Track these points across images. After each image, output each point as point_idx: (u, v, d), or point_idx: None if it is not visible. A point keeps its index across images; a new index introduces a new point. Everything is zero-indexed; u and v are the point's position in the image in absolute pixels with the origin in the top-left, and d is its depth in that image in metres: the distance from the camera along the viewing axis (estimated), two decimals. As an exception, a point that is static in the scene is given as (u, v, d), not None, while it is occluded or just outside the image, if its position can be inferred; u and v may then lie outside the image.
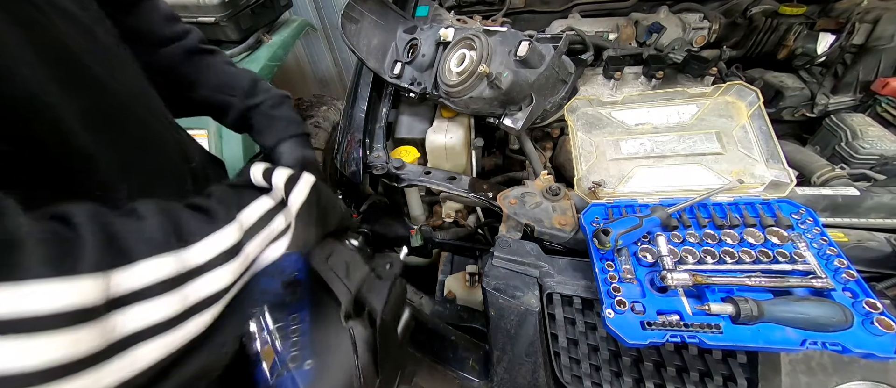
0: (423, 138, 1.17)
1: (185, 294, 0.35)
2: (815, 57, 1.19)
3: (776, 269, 0.61)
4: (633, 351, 0.67)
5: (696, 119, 0.88)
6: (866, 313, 0.54)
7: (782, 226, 0.67)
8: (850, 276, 0.58)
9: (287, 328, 0.80)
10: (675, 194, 0.77)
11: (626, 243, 0.68)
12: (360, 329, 0.54)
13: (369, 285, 0.57)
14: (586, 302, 0.72)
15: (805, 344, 0.53)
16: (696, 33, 1.26)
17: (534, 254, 0.79)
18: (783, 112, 1.23)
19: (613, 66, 1.11)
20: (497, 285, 0.76)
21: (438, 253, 1.34)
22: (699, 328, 0.57)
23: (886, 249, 0.67)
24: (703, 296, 0.61)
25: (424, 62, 1.12)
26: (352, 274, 0.58)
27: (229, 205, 0.45)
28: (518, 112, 0.98)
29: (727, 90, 0.88)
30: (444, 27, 1.09)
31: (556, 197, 0.87)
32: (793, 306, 0.55)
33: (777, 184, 0.73)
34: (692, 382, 0.63)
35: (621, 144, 0.88)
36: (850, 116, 1.09)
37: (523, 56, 0.92)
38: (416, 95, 1.13)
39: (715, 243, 0.68)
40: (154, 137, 0.56)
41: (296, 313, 0.83)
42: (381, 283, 0.58)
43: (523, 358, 0.73)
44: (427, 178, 1.07)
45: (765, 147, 0.79)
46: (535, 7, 1.48)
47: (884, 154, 0.96)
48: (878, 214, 0.74)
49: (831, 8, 1.22)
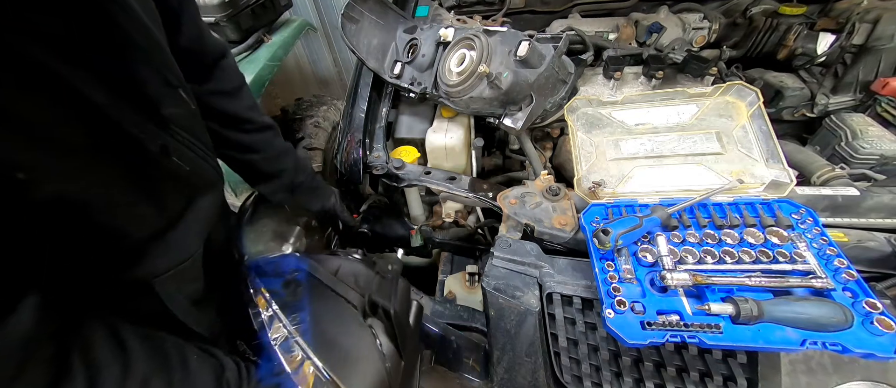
0: (423, 138, 1.17)
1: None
2: (815, 57, 1.19)
3: (776, 269, 0.61)
4: (633, 351, 0.67)
5: (696, 119, 0.88)
6: (866, 314, 0.54)
7: (782, 226, 0.67)
8: (850, 276, 0.58)
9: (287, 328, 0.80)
10: (675, 194, 0.77)
11: (626, 243, 0.68)
12: (378, 324, 0.65)
13: (378, 287, 0.67)
14: (586, 302, 0.72)
15: (805, 344, 0.53)
16: (696, 33, 1.26)
17: (534, 254, 0.79)
18: (783, 112, 1.23)
19: (613, 66, 1.11)
20: (497, 285, 0.75)
21: (438, 253, 1.34)
22: (699, 328, 0.57)
23: (886, 249, 0.67)
24: (703, 296, 0.61)
25: (424, 62, 1.12)
26: (360, 281, 0.68)
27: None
28: (518, 112, 0.98)
29: (727, 90, 0.88)
30: (444, 27, 1.09)
31: (556, 197, 0.87)
32: (793, 306, 0.55)
33: (777, 184, 0.73)
34: (692, 382, 0.63)
35: (621, 144, 0.88)
36: (850, 116, 1.09)
37: (523, 56, 0.92)
38: (416, 95, 1.13)
39: (715, 243, 0.68)
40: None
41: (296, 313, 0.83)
42: (387, 282, 0.67)
43: (523, 358, 0.73)
44: (427, 178, 1.07)
45: (765, 147, 0.79)
46: (535, 7, 1.48)
47: (884, 154, 0.96)
48: (878, 214, 0.74)
49: (831, 8, 1.22)
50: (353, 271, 0.71)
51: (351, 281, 0.69)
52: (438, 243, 1.22)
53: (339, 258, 0.74)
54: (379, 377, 0.61)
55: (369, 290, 0.67)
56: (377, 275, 0.68)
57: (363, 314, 0.64)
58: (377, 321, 0.65)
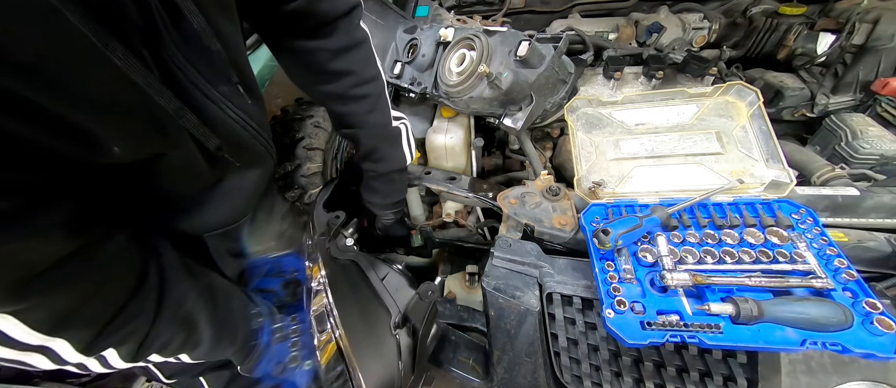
0: (423, 138, 1.17)
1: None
2: (815, 57, 1.19)
3: (776, 269, 0.61)
4: (633, 351, 0.67)
5: (696, 119, 0.88)
6: (866, 314, 0.54)
7: (782, 226, 0.67)
8: (850, 276, 0.58)
9: (287, 328, 0.81)
10: (675, 194, 0.77)
11: (626, 243, 0.68)
12: (405, 338, 0.72)
13: (414, 306, 0.73)
14: (586, 302, 0.72)
15: (805, 344, 0.53)
16: (696, 33, 1.26)
17: (534, 254, 0.79)
18: (783, 112, 1.23)
19: (613, 66, 1.11)
20: (497, 285, 0.75)
21: (439, 253, 1.34)
22: (699, 327, 0.56)
23: (886, 249, 0.67)
24: (703, 296, 0.61)
25: (424, 62, 1.12)
26: (401, 294, 0.78)
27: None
28: (518, 112, 0.98)
29: (727, 90, 0.88)
30: (444, 27, 1.09)
31: (556, 197, 0.87)
32: (793, 306, 0.55)
33: (777, 184, 0.73)
34: (692, 382, 0.63)
35: (621, 144, 0.88)
36: (850, 116, 1.09)
37: (523, 56, 0.92)
38: (416, 95, 1.13)
39: (715, 243, 0.68)
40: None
41: (296, 314, 0.84)
42: (423, 304, 0.73)
43: (523, 358, 0.73)
44: (427, 178, 1.07)
45: (765, 147, 0.79)
46: (535, 7, 1.49)
47: (884, 154, 0.96)
48: (878, 214, 0.74)
49: (831, 8, 1.22)
50: (397, 284, 0.80)
51: (393, 291, 0.78)
52: (438, 243, 1.22)
53: (388, 267, 0.84)
54: (390, 379, 0.69)
55: (407, 306, 0.74)
56: (416, 294, 0.75)
57: (394, 325, 0.73)
58: (404, 335, 0.73)
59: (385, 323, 0.73)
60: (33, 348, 0.43)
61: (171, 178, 0.55)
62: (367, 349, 0.71)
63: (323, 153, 1.72)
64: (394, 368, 0.70)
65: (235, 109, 0.57)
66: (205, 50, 0.49)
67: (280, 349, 0.78)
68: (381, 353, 0.70)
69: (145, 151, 0.48)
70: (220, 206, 0.66)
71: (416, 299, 0.74)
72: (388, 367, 0.70)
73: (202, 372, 0.78)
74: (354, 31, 0.78)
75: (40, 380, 0.79)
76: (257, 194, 0.74)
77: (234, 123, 0.57)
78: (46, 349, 0.44)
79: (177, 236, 0.63)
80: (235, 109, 0.57)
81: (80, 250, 0.43)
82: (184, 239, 0.65)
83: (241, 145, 0.61)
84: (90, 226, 0.45)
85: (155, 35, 0.43)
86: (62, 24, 0.33)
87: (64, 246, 0.42)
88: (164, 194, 0.58)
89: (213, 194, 0.64)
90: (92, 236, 0.45)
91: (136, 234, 0.53)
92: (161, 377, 0.74)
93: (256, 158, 0.67)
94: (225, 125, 0.56)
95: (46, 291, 0.41)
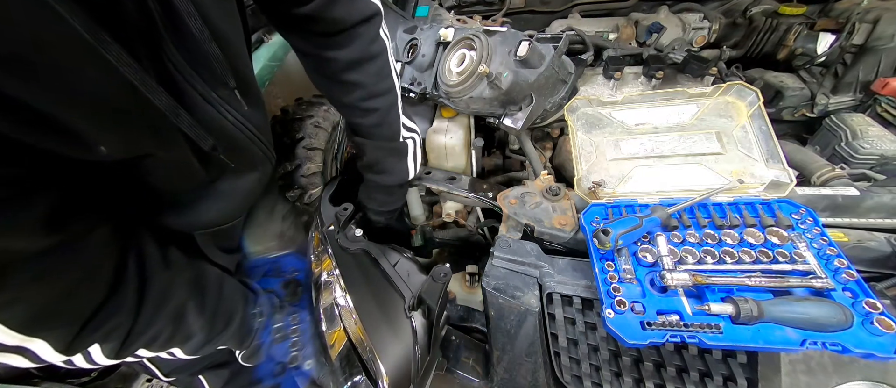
0: (423, 138, 1.17)
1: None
2: (815, 57, 1.19)
3: (776, 269, 0.61)
4: (633, 351, 0.67)
5: (696, 119, 0.88)
6: (866, 314, 0.54)
7: (782, 226, 0.67)
8: (850, 276, 0.58)
9: (287, 328, 0.81)
10: (675, 194, 0.77)
11: (626, 243, 0.68)
12: (420, 320, 0.74)
13: (428, 287, 0.74)
14: (586, 302, 0.72)
15: (805, 344, 0.53)
16: (696, 33, 1.26)
17: (534, 254, 0.79)
18: (783, 112, 1.23)
19: (613, 66, 1.11)
20: (497, 285, 0.75)
21: (439, 253, 1.34)
22: (699, 327, 0.56)
23: (886, 249, 0.67)
24: (703, 296, 0.61)
25: (424, 62, 1.12)
26: (412, 279, 0.79)
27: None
28: (518, 112, 0.98)
29: (727, 90, 0.88)
30: (444, 27, 1.09)
31: (556, 197, 0.87)
32: (793, 306, 0.55)
33: (777, 184, 0.73)
34: (692, 382, 0.63)
35: (621, 144, 0.88)
36: (850, 116, 1.09)
37: (523, 56, 0.92)
38: (416, 95, 1.13)
39: (715, 243, 0.68)
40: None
41: (296, 313, 0.84)
42: (436, 285, 0.74)
43: (523, 358, 0.73)
44: (427, 178, 1.07)
45: (765, 147, 0.79)
46: (535, 7, 1.48)
47: (884, 154, 0.96)
48: (878, 214, 0.74)
49: (831, 8, 1.22)
50: (408, 268, 0.82)
51: (405, 276, 0.79)
52: (438, 243, 1.22)
53: (399, 254, 0.85)
54: (407, 360, 0.71)
55: (420, 288, 0.75)
56: (429, 277, 0.76)
57: (409, 307, 0.74)
58: (419, 317, 0.74)
59: (399, 307, 0.74)
60: (10, 349, 0.42)
61: (162, 176, 0.54)
62: (385, 333, 0.71)
63: (323, 153, 1.72)
64: (410, 350, 0.71)
65: (233, 112, 0.56)
66: (202, 53, 0.48)
67: (280, 348, 0.78)
68: (399, 336, 0.72)
69: (134, 151, 0.47)
70: (213, 206, 0.66)
71: (430, 282, 0.75)
72: (405, 349, 0.71)
73: (201, 370, 0.78)
74: (370, 43, 0.76)
75: (40, 380, 0.79)
76: (253, 197, 0.73)
77: (231, 126, 0.57)
78: (24, 350, 0.43)
79: (164, 231, 0.62)
80: (233, 112, 0.56)
81: (58, 244, 0.42)
82: (171, 234, 0.64)
83: (238, 148, 0.60)
84: (70, 221, 0.44)
85: (153, 35, 0.43)
86: (50, 16, 0.32)
87: (42, 240, 0.41)
88: (154, 191, 0.57)
89: (207, 194, 0.64)
90: (72, 231, 0.44)
91: (118, 229, 0.52)
92: (159, 375, 0.73)
93: (254, 162, 0.66)
94: (221, 127, 0.55)
95: (23, 285, 0.40)
